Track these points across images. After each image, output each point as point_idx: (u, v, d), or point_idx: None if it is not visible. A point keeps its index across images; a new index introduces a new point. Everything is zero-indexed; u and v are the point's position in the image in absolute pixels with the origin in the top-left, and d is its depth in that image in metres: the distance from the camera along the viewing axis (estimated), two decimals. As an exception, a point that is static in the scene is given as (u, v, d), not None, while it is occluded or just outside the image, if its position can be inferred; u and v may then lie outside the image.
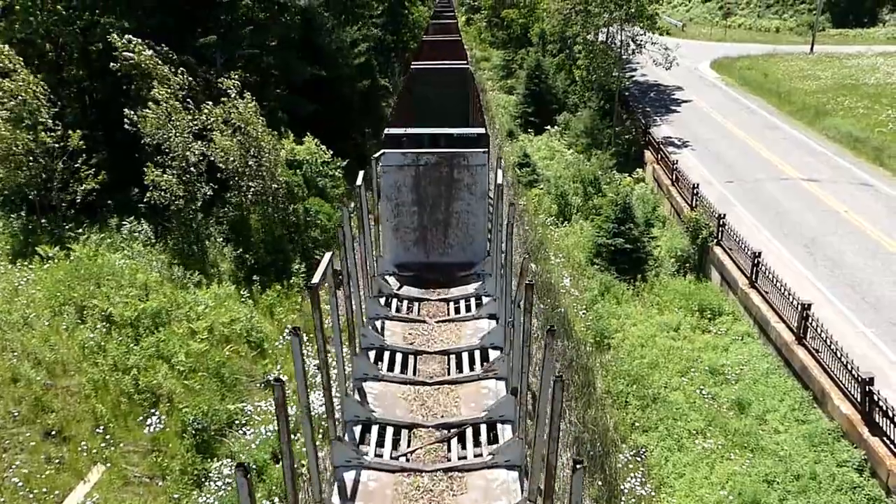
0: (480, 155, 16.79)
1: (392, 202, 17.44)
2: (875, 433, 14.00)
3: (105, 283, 18.47)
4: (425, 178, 17.22)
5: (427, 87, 28.90)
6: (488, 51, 70.29)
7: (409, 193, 17.48)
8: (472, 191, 17.48)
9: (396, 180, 16.91)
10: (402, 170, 17.06)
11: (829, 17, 69.07)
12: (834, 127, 34.79)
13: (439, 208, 17.63)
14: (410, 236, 17.81)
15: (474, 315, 16.06)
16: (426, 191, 17.47)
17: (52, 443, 14.08)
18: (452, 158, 16.97)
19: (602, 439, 16.48)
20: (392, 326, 15.61)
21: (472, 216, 17.84)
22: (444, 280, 17.55)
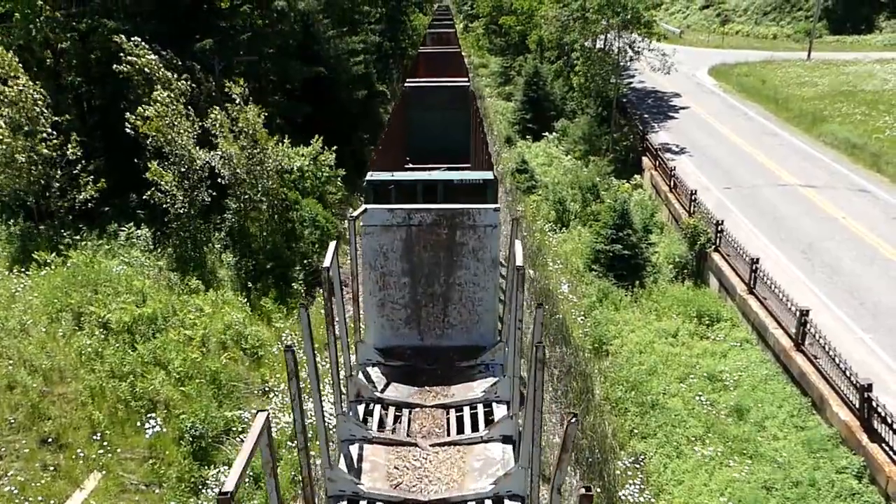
0: (490, 213, 13.24)
1: (376, 271, 13.62)
2: (874, 440, 13.98)
3: (102, 290, 18.44)
4: (419, 242, 13.53)
5: (423, 109, 26.30)
6: (486, 57, 70.47)
7: (398, 261, 13.67)
8: (480, 257, 13.76)
9: (382, 244, 13.20)
10: (389, 231, 13.35)
11: (827, 24, 69.26)
12: (831, 133, 34.84)
13: (437, 279, 13.96)
14: (400, 314, 14.00)
15: (483, 437, 11.97)
16: (420, 257, 13.70)
17: (48, 450, 14.03)
18: (454, 217, 13.32)
19: (601, 446, 16.44)
20: (373, 454, 11.46)
21: (480, 289, 14.14)
22: (443, 372, 13.82)
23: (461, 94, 26.77)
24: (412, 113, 26.31)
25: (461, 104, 26.19)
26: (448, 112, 25.99)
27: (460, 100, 26.44)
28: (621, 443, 16.41)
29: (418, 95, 26.87)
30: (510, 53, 59.04)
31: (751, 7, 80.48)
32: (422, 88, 27.27)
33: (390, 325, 13.99)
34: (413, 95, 26.80)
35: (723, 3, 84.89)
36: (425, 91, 27.05)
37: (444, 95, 26.73)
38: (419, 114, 26.24)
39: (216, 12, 28.76)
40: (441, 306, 14.11)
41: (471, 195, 15.03)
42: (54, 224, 21.77)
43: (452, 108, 26.11)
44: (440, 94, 26.81)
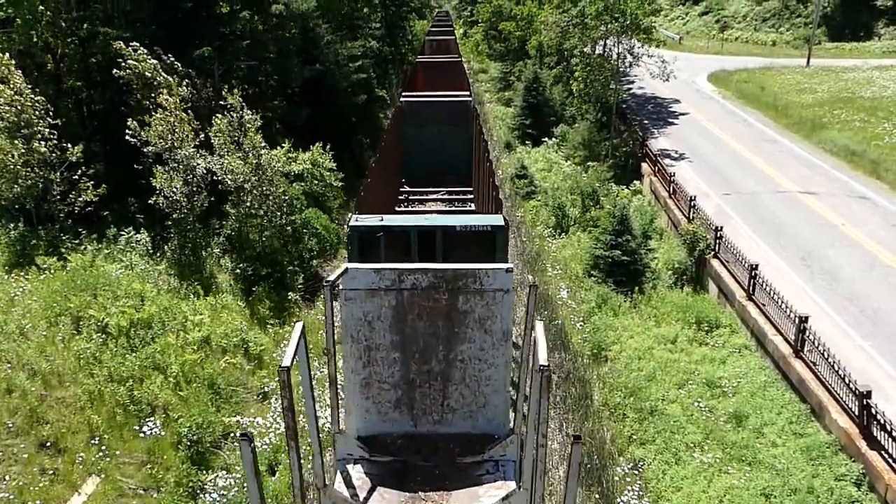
0: (501, 275, 10.41)
1: (360, 345, 10.78)
2: (873, 447, 13.97)
3: (101, 294, 18.43)
4: (413, 309, 10.74)
5: (420, 126, 24.24)
6: (486, 63, 70.58)
7: (386, 332, 10.76)
8: (488, 328, 10.69)
9: (367, 312, 10.54)
10: (375, 296, 10.58)
11: (826, 30, 69.42)
12: (831, 140, 34.90)
13: (434, 353, 11.03)
14: (388, 395, 11.20)
15: None
16: (414, 327, 10.83)
17: (46, 454, 14.01)
18: (456, 279, 10.59)
19: (599, 452, 16.43)
20: None
21: (487, 367, 11.16)
22: (442, 471, 10.92)
23: (462, 111, 24.75)
24: (408, 130, 24.37)
25: (462, 121, 24.33)
26: (448, 129, 24.16)
27: (461, 116, 24.51)
28: (620, 449, 16.40)
29: (415, 111, 24.76)
30: (510, 59, 59.14)
31: (750, 14, 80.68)
32: (419, 103, 25.20)
33: (377, 408, 11.13)
34: (409, 111, 24.71)
35: (722, 10, 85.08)
36: (423, 106, 24.92)
37: (443, 111, 24.64)
38: (416, 131, 24.27)
39: (215, 17, 28.82)
40: (439, 387, 11.21)
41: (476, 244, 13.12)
42: (54, 228, 21.76)
43: (452, 125, 24.27)
44: (439, 109, 24.70)
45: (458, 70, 35.55)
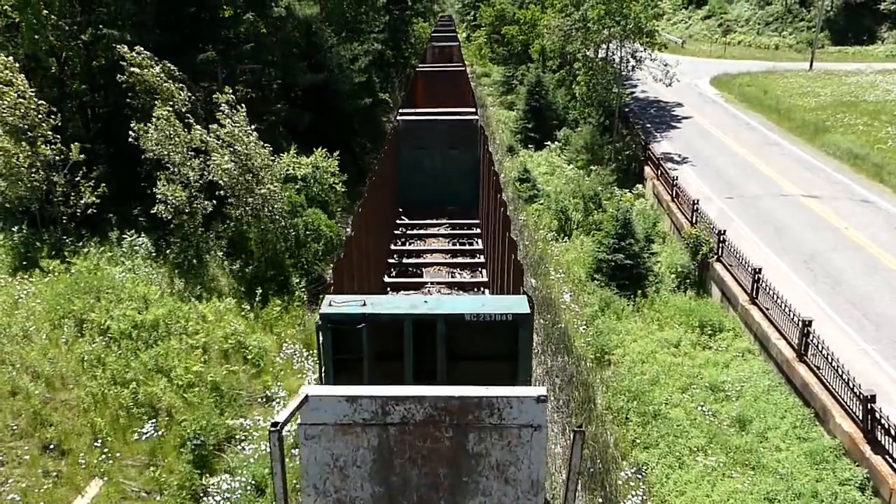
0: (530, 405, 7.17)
1: (327, 498, 7.64)
2: (877, 451, 13.93)
3: (104, 297, 18.47)
4: (404, 452, 7.52)
5: (419, 149, 21.44)
6: (489, 66, 70.64)
7: (365, 483, 7.59)
8: (511, 477, 7.51)
9: (338, 455, 7.44)
10: (349, 434, 7.39)
11: (829, 34, 69.44)
12: (834, 143, 34.89)
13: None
14: None
15: None
16: (405, 477, 7.60)
17: (50, 456, 14.03)
18: (466, 411, 7.26)
19: (602, 456, 16.41)
20: None
21: None
22: None
23: (467, 132, 21.72)
24: (406, 153, 21.58)
25: (467, 143, 21.54)
26: (451, 154, 21.43)
27: (466, 138, 21.59)
28: (623, 453, 16.38)
29: (413, 131, 21.73)
30: (512, 63, 59.16)
31: (753, 17, 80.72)
32: (418, 123, 22.05)
33: None
34: (407, 132, 21.62)
35: (725, 14, 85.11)
36: (422, 127, 21.86)
37: (445, 132, 21.57)
38: (415, 155, 21.59)
39: (219, 21, 28.88)
40: None
41: (491, 332, 9.62)
42: (57, 231, 21.82)
43: (456, 149, 21.62)
44: (441, 130, 21.64)
45: (462, 81, 32.40)
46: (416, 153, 21.31)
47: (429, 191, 20.64)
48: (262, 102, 32.15)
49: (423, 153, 21.17)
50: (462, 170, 20.85)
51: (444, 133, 21.46)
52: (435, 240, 20.14)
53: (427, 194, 20.58)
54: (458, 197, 20.79)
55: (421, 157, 21.28)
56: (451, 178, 20.92)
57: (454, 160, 21.18)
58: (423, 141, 21.23)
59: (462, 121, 22.07)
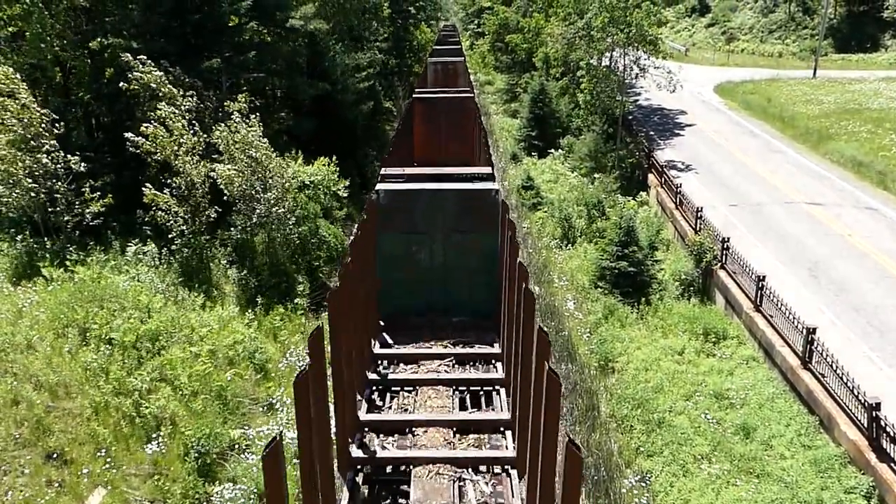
0: None
1: None
2: (883, 459, 13.86)
3: (108, 306, 18.48)
4: None
5: (409, 234, 13.23)
6: (492, 75, 70.82)
7: None
8: None
9: None
10: None
11: (832, 42, 69.45)
12: (837, 151, 34.86)
13: None
14: None
15: None
16: None
17: (53, 466, 14.01)
18: None
19: (606, 464, 16.36)
20: None
21: None
22: None
23: (483, 207, 12.92)
24: (389, 243, 13.07)
25: (482, 225, 12.94)
26: (457, 242, 13.12)
27: (481, 216, 12.95)
28: (627, 461, 16.33)
29: (400, 207, 13.02)
30: (516, 71, 59.33)
31: (756, 25, 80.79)
32: (408, 195, 13.14)
33: None
34: (391, 208, 12.97)
35: (728, 22, 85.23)
36: (415, 199, 13.09)
37: (450, 208, 13.06)
38: (402, 242, 13.15)
39: (224, 29, 29.02)
40: None
41: None
42: (60, 239, 21.86)
43: (465, 234, 13.06)
44: (442, 205, 13.04)
45: (470, 114, 24.70)
46: (406, 240, 13.25)
47: (423, 297, 13.37)
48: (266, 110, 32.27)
49: (415, 240, 13.25)
50: (474, 264, 13.25)
51: (449, 209, 13.06)
52: None
53: (421, 302, 13.35)
54: (466, 305, 13.36)
55: (412, 245, 13.32)
56: (457, 278, 13.38)
57: (462, 250, 13.27)
58: (416, 220, 13.10)
59: (475, 191, 13.13)
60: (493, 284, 12.65)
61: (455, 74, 38.18)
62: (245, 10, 29.20)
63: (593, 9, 35.78)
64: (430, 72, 39.27)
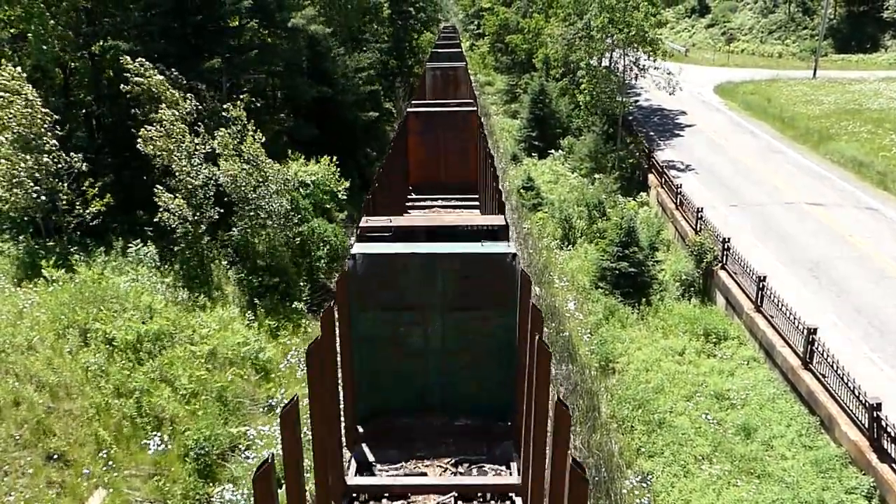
0: None
1: None
2: (884, 460, 13.86)
3: (109, 306, 18.48)
4: None
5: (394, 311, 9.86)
6: (492, 75, 70.84)
7: None
8: None
9: None
10: None
11: (832, 42, 69.44)
12: (838, 151, 34.86)
13: None
14: None
15: None
16: None
17: (53, 467, 14.00)
18: None
19: (607, 465, 16.36)
20: None
21: None
22: None
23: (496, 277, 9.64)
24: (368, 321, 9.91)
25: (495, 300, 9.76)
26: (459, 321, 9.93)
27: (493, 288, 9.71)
28: (628, 461, 16.32)
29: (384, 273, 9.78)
30: (516, 71, 59.35)
31: (756, 26, 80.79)
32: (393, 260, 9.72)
33: None
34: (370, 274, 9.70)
35: (728, 22, 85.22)
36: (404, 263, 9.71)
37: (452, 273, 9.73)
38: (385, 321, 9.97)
39: (224, 30, 29.03)
40: None
41: None
42: (62, 240, 21.86)
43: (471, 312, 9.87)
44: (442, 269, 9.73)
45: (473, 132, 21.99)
46: (392, 319, 9.91)
47: (415, 393, 10.23)
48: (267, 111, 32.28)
49: (405, 318, 9.92)
50: (483, 351, 9.97)
51: (450, 280, 9.71)
52: None
53: (411, 398, 10.22)
54: (473, 404, 10.13)
55: (400, 325, 9.98)
56: (460, 368, 10.09)
57: (467, 332, 9.95)
58: (406, 293, 9.81)
59: (485, 257, 9.63)
60: (508, 379, 9.56)
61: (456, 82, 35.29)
62: (246, 10, 29.19)
63: (593, 9, 35.79)
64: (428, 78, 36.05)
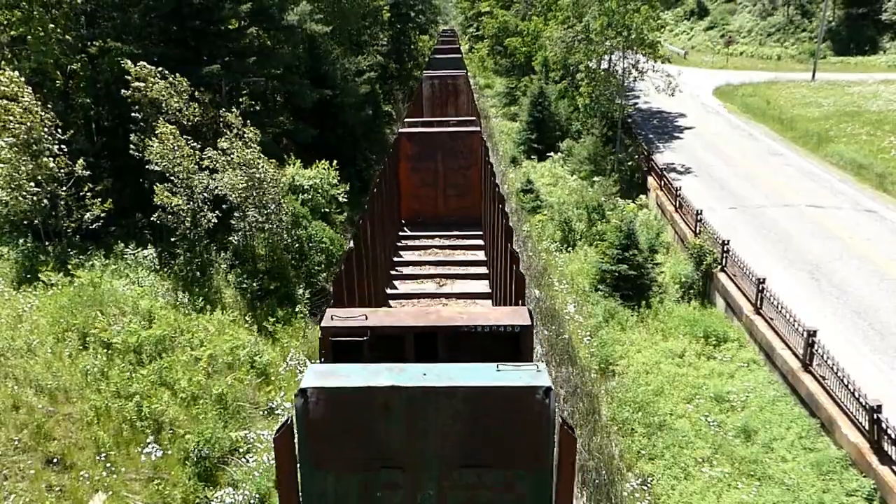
0: None
1: None
2: (884, 462, 13.84)
3: (108, 310, 18.47)
4: None
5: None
6: (491, 78, 70.88)
7: None
8: None
9: None
10: None
11: (830, 45, 69.49)
12: (837, 153, 34.88)
13: None
14: None
15: None
16: None
17: (53, 471, 13.98)
18: None
19: (608, 467, 16.33)
20: None
21: None
22: None
23: (521, 415, 6.52)
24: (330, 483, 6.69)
25: (522, 454, 6.63)
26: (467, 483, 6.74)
27: (518, 438, 6.59)
28: (628, 464, 16.30)
29: (355, 409, 6.53)
30: (515, 74, 59.39)
31: (755, 28, 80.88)
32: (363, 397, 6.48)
33: None
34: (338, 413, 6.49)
35: (727, 25, 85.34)
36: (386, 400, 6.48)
37: (453, 419, 6.53)
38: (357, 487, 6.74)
39: (224, 34, 29.04)
40: None
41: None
42: (61, 244, 21.85)
43: (485, 466, 6.66)
44: (440, 408, 6.49)
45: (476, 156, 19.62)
46: (363, 481, 6.79)
47: None
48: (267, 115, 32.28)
49: (384, 479, 6.78)
50: None
51: (452, 427, 6.61)
52: None
53: None
54: None
55: (376, 489, 6.82)
56: None
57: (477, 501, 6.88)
58: (385, 444, 6.66)
59: (504, 392, 6.54)
60: None
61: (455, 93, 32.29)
62: (245, 13, 29.20)
63: (592, 12, 35.81)
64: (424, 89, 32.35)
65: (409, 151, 19.91)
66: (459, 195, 19.66)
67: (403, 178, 19.98)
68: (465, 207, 19.32)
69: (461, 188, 19.67)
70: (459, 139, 20.15)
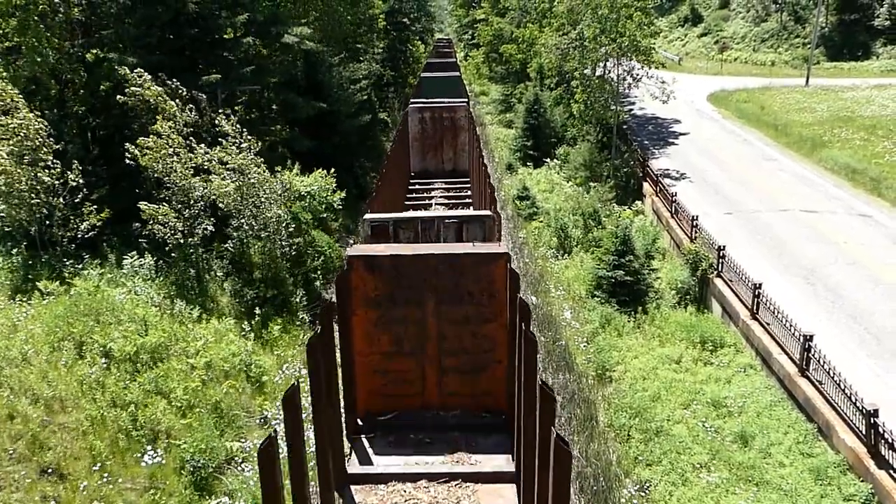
0: None
1: None
2: (882, 466, 13.85)
3: (104, 319, 18.41)
4: None
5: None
6: (486, 85, 71.05)
7: None
8: None
9: None
10: None
11: (824, 50, 69.86)
12: (831, 158, 35.00)
13: None
14: None
15: None
16: None
17: (48, 481, 13.91)
18: None
19: (605, 474, 16.30)
20: None
21: None
22: None
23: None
24: None
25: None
26: None
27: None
28: (626, 470, 16.27)
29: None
30: (511, 81, 59.57)
31: (749, 34, 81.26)
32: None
33: None
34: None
35: (721, 31, 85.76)
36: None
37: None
38: None
39: (220, 43, 29.06)
40: None
41: None
42: (57, 253, 21.79)
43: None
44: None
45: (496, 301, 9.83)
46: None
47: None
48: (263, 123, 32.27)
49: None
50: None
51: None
52: None
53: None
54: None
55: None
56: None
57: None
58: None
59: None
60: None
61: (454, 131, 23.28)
62: (241, 23, 29.23)
63: (586, 19, 35.95)
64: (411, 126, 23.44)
65: (367, 292, 9.69)
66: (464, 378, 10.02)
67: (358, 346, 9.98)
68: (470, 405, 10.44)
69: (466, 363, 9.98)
70: (465, 266, 9.62)
